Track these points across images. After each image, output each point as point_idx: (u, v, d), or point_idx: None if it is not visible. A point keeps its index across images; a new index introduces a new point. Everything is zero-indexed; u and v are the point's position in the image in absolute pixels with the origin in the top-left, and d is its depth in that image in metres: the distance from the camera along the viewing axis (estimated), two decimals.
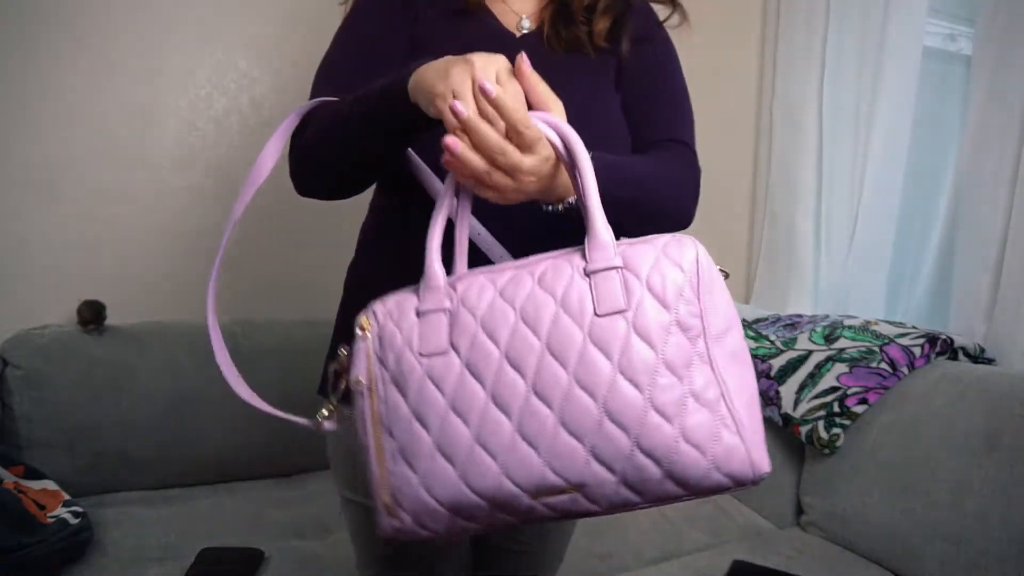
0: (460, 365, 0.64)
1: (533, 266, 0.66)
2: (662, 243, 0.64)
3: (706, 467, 0.59)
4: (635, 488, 0.61)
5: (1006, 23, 1.58)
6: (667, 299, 0.61)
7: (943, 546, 1.43)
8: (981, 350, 1.64)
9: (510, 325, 0.63)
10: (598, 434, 0.60)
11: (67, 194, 1.84)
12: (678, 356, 0.60)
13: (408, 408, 0.65)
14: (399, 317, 0.67)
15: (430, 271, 0.68)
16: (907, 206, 1.94)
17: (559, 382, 0.61)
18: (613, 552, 1.60)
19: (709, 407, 0.60)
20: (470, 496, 0.62)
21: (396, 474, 0.64)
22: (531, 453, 0.61)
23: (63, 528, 1.41)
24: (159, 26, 1.84)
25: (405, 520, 0.65)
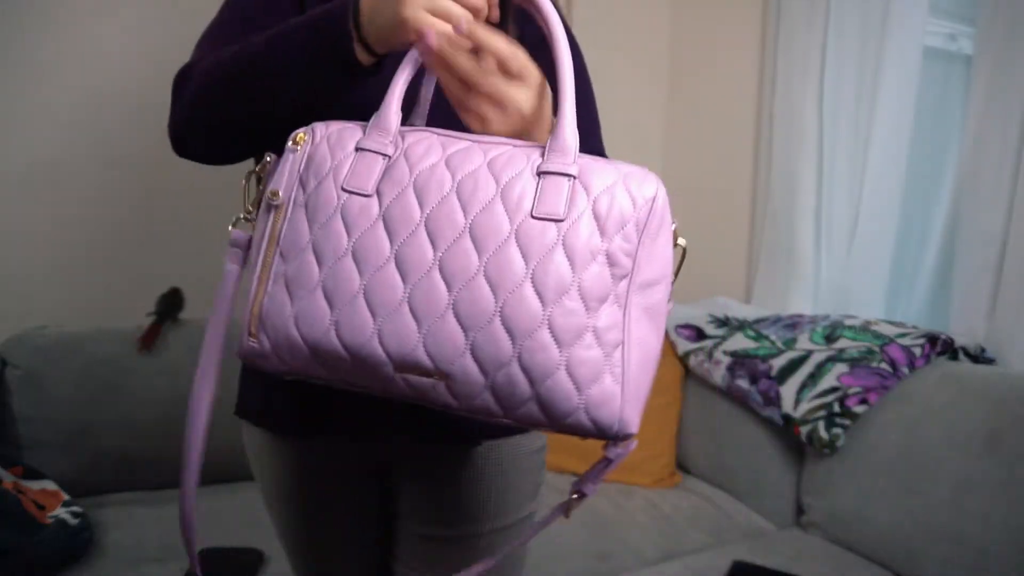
0: (377, 213, 0.61)
1: (489, 146, 0.63)
2: (626, 170, 0.60)
3: (576, 404, 0.57)
4: (500, 398, 0.58)
5: (1006, 23, 1.58)
6: (607, 226, 0.58)
7: (943, 546, 1.42)
8: (981, 350, 1.64)
9: (442, 193, 0.60)
10: (484, 331, 0.57)
11: (67, 194, 1.84)
12: (595, 286, 0.58)
13: (309, 237, 0.62)
14: (335, 144, 0.64)
15: (385, 111, 0.64)
16: (907, 206, 1.94)
17: (468, 266, 0.58)
18: (613, 552, 1.60)
19: (603, 348, 0.57)
20: (336, 344, 0.60)
21: (273, 297, 0.62)
22: (412, 325, 0.58)
23: (63, 528, 1.41)
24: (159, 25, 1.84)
25: (264, 345, 0.63)
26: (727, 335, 1.96)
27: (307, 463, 0.94)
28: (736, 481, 1.87)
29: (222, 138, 0.78)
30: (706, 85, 2.41)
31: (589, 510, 1.77)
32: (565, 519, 0.69)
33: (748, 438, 1.85)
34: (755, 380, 1.79)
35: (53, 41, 1.79)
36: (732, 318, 2.02)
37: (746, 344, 1.88)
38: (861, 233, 1.92)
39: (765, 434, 1.82)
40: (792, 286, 2.06)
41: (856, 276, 1.94)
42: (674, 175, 2.53)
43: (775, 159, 2.10)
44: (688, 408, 2.03)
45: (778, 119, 2.09)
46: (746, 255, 2.28)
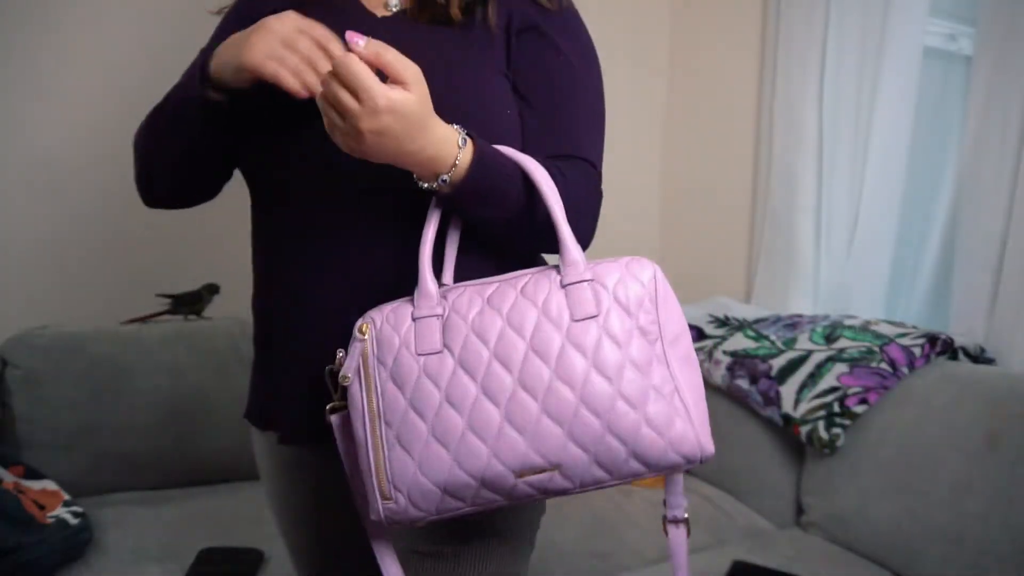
0: (453, 363, 0.72)
1: (515, 280, 0.75)
2: (624, 262, 0.75)
3: (663, 447, 0.70)
4: (605, 466, 0.71)
5: (1006, 23, 1.58)
6: (630, 308, 0.73)
7: (943, 546, 1.43)
8: (981, 350, 1.64)
9: (498, 329, 0.72)
10: (575, 420, 0.69)
11: (68, 194, 1.85)
12: (640, 356, 0.72)
13: (405, 401, 0.73)
14: (396, 322, 0.75)
15: (424, 281, 0.76)
16: (907, 206, 1.94)
17: (542, 377, 0.70)
18: (613, 552, 1.60)
19: (665, 399, 0.71)
20: (461, 476, 0.71)
21: (393, 459, 0.72)
22: (517, 437, 0.70)
23: (63, 528, 1.41)
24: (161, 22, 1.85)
25: (400, 500, 0.72)
26: (727, 335, 1.96)
27: (308, 467, 0.95)
28: (736, 481, 1.87)
29: (166, 184, 0.91)
30: (706, 85, 2.41)
31: (589, 510, 1.77)
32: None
33: (748, 438, 1.85)
34: (755, 380, 1.79)
35: (54, 41, 1.79)
36: (732, 318, 2.02)
37: (746, 344, 1.88)
38: (861, 233, 1.92)
39: (765, 434, 1.82)
40: (792, 286, 2.06)
41: (856, 276, 1.94)
42: (674, 175, 2.54)
43: (775, 159, 2.10)
44: None
45: (778, 119, 2.09)
46: (746, 255, 2.28)
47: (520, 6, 0.88)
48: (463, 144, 0.75)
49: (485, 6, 0.87)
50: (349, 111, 0.68)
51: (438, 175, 0.75)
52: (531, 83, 0.87)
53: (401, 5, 0.89)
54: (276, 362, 0.91)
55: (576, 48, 0.90)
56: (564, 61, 0.88)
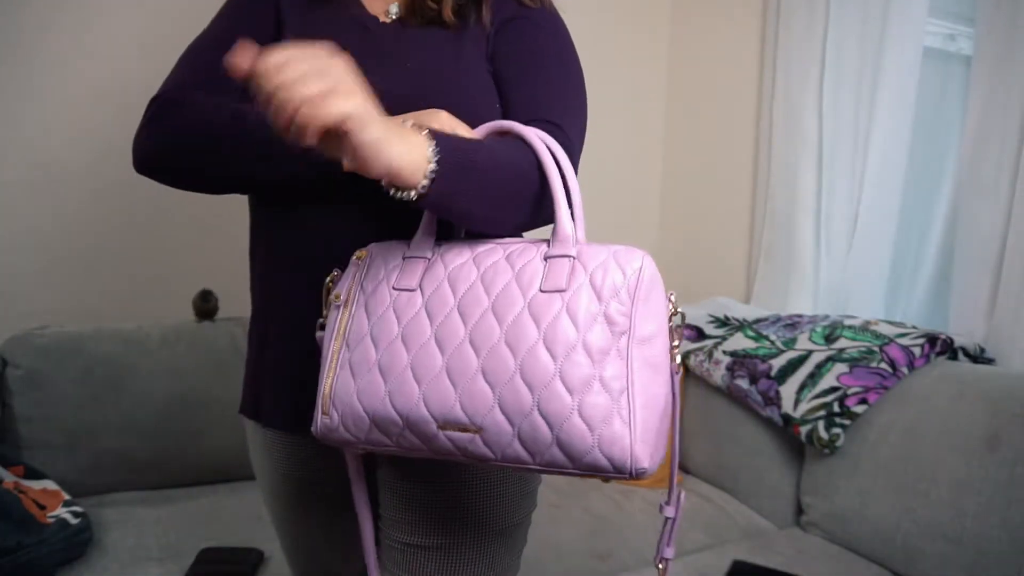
0: (420, 303, 0.75)
1: (507, 244, 0.76)
2: (615, 249, 0.73)
3: (589, 444, 0.66)
4: (527, 445, 0.68)
5: (1006, 23, 1.58)
6: (602, 293, 0.69)
7: (943, 546, 1.43)
8: (981, 350, 1.64)
9: (470, 282, 0.74)
10: (508, 386, 0.68)
11: (68, 194, 1.85)
12: (597, 343, 0.68)
13: (367, 328, 0.76)
14: (387, 256, 0.79)
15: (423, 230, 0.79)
16: (907, 206, 1.94)
17: (491, 336, 0.70)
18: (613, 552, 1.60)
19: (610, 394, 0.67)
20: (390, 411, 0.72)
21: (340, 379, 0.75)
22: (449, 388, 0.70)
23: (63, 528, 1.41)
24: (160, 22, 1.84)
25: (334, 418, 0.75)
26: (727, 335, 1.96)
27: (299, 460, 0.95)
28: (736, 481, 1.87)
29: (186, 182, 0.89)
30: (706, 85, 2.41)
31: (589, 510, 1.77)
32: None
33: (748, 438, 1.85)
34: (755, 380, 1.79)
35: (53, 41, 1.79)
36: (732, 318, 2.02)
37: (746, 344, 1.88)
38: (861, 233, 1.92)
39: (765, 434, 1.82)
40: (792, 286, 2.06)
41: (856, 276, 1.94)
42: (674, 175, 2.54)
43: (775, 159, 2.10)
44: (688, 408, 2.03)
45: (778, 119, 2.09)
46: (746, 255, 2.28)
47: (503, 4, 0.91)
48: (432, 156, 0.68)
49: (479, 6, 0.90)
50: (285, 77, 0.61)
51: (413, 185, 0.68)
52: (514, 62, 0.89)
53: (400, 13, 0.92)
54: (268, 355, 0.92)
55: (557, 33, 0.92)
56: (545, 42, 0.91)
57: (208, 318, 1.88)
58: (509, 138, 0.80)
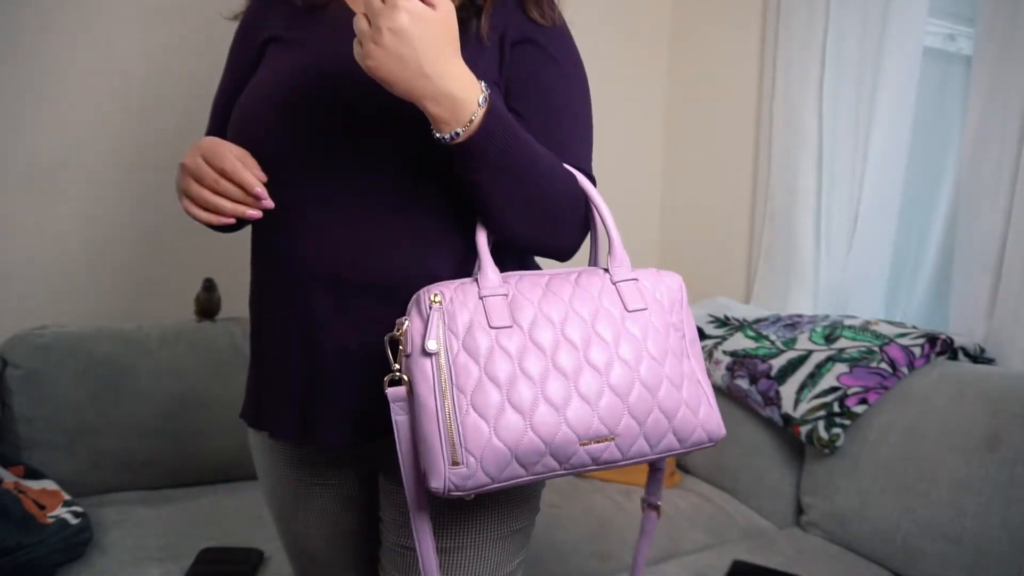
0: (524, 337, 0.78)
1: (566, 274, 0.84)
2: (654, 272, 0.88)
3: (695, 425, 0.83)
4: (650, 439, 0.80)
5: (1006, 23, 1.58)
6: (666, 308, 0.85)
7: (943, 546, 1.43)
8: (981, 350, 1.64)
9: (563, 310, 0.80)
10: (633, 395, 0.79)
11: (68, 194, 1.85)
12: (677, 348, 0.85)
13: (479, 370, 0.76)
14: (463, 299, 0.79)
15: (486, 268, 0.82)
16: (907, 206, 1.94)
17: (607, 356, 0.79)
18: (613, 552, 1.60)
19: (696, 385, 0.84)
20: (535, 441, 0.75)
21: (467, 424, 0.75)
22: (586, 408, 0.77)
23: (63, 528, 1.41)
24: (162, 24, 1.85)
25: (471, 464, 0.74)
26: (727, 335, 1.96)
27: (304, 469, 0.95)
28: (736, 481, 1.88)
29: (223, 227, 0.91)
30: (706, 85, 2.41)
31: (590, 511, 1.77)
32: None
33: (748, 438, 1.85)
34: (755, 380, 1.79)
35: (53, 41, 1.79)
36: (732, 318, 2.02)
37: (746, 344, 1.88)
38: (861, 233, 1.92)
39: (765, 434, 1.82)
40: (792, 286, 2.06)
41: (856, 276, 1.94)
42: (674, 175, 2.54)
43: (775, 160, 2.10)
44: None
45: (778, 120, 2.09)
46: (746, 255, 2.28)
47: (515, 20, 0.89)
48: (483, 103, 0.74)
49: (478, 18, 0.88)
50: (372, 8, 0.70)
51: (456, 122, 0.74)
52: (527, 94, 0.88)
53: None
54: (268, 361, 0.92)
55: (569, 59, 0.92)
56: (560, 72, 0.90)
57: (212, 310, 1.88)
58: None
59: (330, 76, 0.85)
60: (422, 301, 0.77)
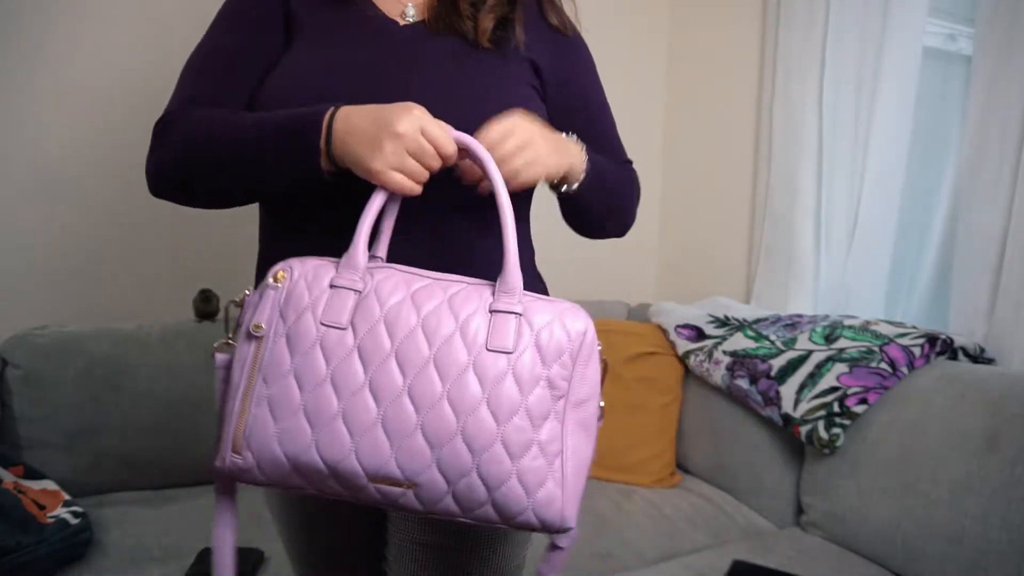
0: (352, 345, 0.69)
1: (448, 284, 0.72)
2: (560, 308, 0.72)
3: (524, 506, 0.68)
4: (460, 502, 0.69)
5: (1006, 23, 1.58)
6: (547, 356, 0.70)
7: (943, 546, 1.43)
8: (981, 350, 1.64)
9: (409, 327, 0.69)
10: (448, 447, 0.67)
11: (68, 194, 1.84)
12: (538, 407, 0.69)
13: (290, 365, 0.69)
14: (312, 281, 0.71)
15: (355, 251, 0.72)
16: (907, 206, 1.94)
17: (432, 392, 0.67)
18: (613, 552, 1.60)
19: (545, 459, 0.69)
20: (316, 460, 0.68)
21: (257, 417, 0.68)
22: (384, 443, 0.67)
23: (63, 528, 1.41)
24: (165, 22, 1.85)
25: (248, 459, 0.69)
26: (727, 335, 1.96)
27: None
28: (736, 481, 1.87)
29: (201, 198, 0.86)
30: (706, 85, 2.41)
31: (589, 510, 1.77)
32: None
33: (748, 438, 1.85)
34: (755, 380, 1.79)
35: (55, 42, 1.79)
36: (732, 318, 2.02)
37: (746, 344, 1.88)
38: (861, 233, 1.92)
39: (765, 434, 1.82)
40: (792, 286, 2.06)
41: (856, 276, 1.94)
42: (674, 175, 2.54)
43: (775, 159, 2.10)
44: (688, 408, 2.03)
45: (778, 119, 2.09)
46: (746, 255, 2.28)
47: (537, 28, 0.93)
48: (584, 153, 0.87)
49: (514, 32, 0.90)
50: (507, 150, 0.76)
51: (576, 177, 0.86)
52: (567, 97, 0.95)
53: (418, 15, 0.91)
54: None
55: (593, 65, 1.01)
56: (592, 79, 0.99)
57: (208, 319, 1.88)
58: None
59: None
60: (267, 275, 0.73)
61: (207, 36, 0.91)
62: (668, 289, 2.50)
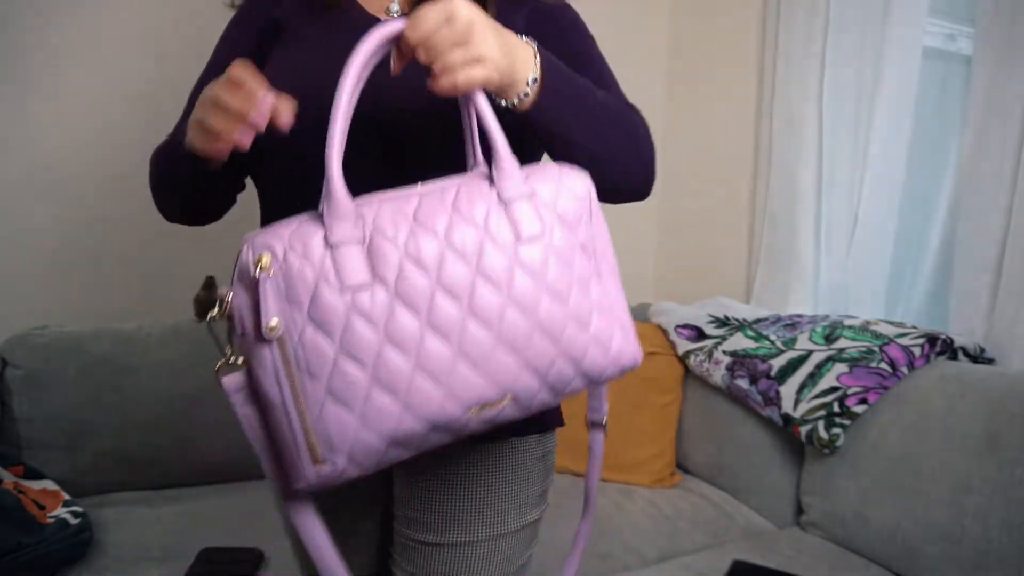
0: (389, 296, 0.62)
1: (440, 193, 0.65)
2: (557, 174, 0.69)
3: (605, 363, 0.69)
4: (553, 388, 0.68)
5: (1006, 23, 1.58)
6: (570, 224, 0.68)
7: (943, 546, 1.43)
8: (981, 350, 1.64)
9: (437, 253, 0.63)
10: (529, 347, 0.65)
11: (68, 194, 1.84)
12: (583, 273, 0.68)
13: (334, 347, 0.61)
14: (304, 251, 0.62)
15: (336, 196, 0.63)
16: (907, 206, 1.94)
17: (492, 305, 0.63)
18: (613, 552, 1.60)
19: (604, 314, 0.69)
20: (412, 426, 0.63)
21: (326, 417, 0.61)
22: (471, 375, 0.63)
23: (63, 528, 1.41)
24: (164, 22, 1.85)
25: (338, 462, 0.62)
26: (727, 335, 1.96)
27: None
28: (736, 481, 1.87)
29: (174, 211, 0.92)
30: (706, 86, 2.41)
31: None
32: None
33: (748, 438, 1.85)
34: (755, 380, 1.79)
35: (55, 42, 1.79)
36: (732, 318, 2.02)
37: (746, 344, 1.88)
38: (861, 233, 1.92)
39: (765, 434, 1.82)
40: (792, 286, 2.06)
41: (856, 276, 1.95)
42: (674, 175, 2.53)
43: (775, 160, 2.10)
44: (688, 408, 2.03)
45: (778, 120, 2.09)
46: (746, 255, 2.28)
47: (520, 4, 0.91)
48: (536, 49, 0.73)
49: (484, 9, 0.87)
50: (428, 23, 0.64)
51: (525, 79, 0.71)
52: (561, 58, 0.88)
53: (402, 10, 0.90)
54: None
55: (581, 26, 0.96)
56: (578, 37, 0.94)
57: (211, 308, 1.88)
58: None
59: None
60: (244, 266, 0.63)
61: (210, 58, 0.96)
62: (668, 289, 2.50)
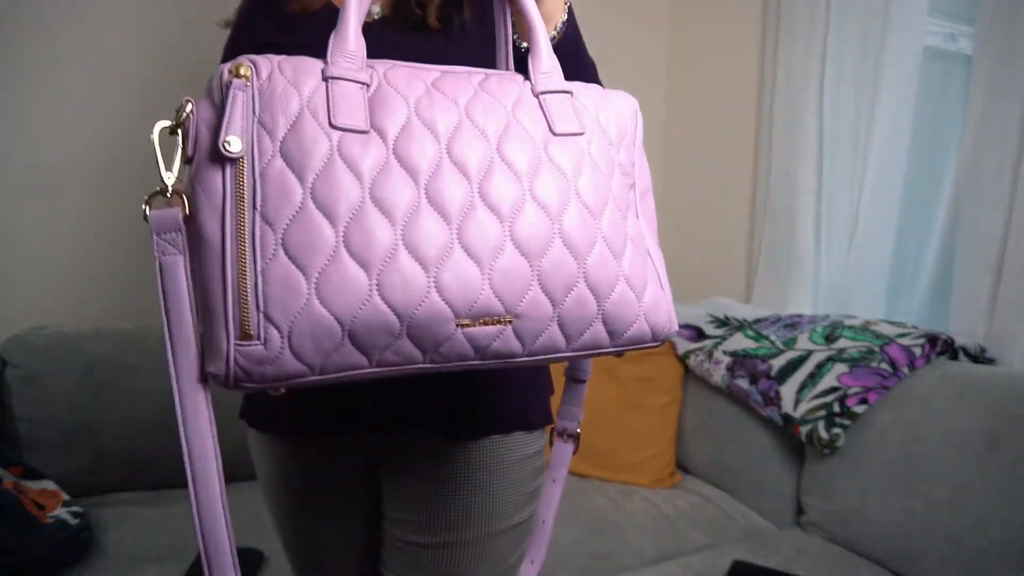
0: (386, 150, 0.50)
1: (468, 74, 0.57)
2: (601, 90, 0.61)
3: (635, 313, 0.56)
4: (567, 327, 0.54)
5: (1006, 23, 1.58)
6: (612, 140, 0.58)
7: (943, 546, 1.43)
8: (981, 350, 1.64)
9: (454, 120, 0.53)
10: (547, 257, 0.53)
11: (68, 194, 1.84)
12: (623, 198, 0.57)
13: (303, 190, 0.48)
14: (295, 76, 0.50)
15: (346, 31, 0.52)
16: (907, 206, 1.94)
17: (511, 192, 0.52)
18: (613, 552, 1.60)
19: (642, 256, 0.57)
20: (383, 311, 0.48)
21: (272, 275, 0.47)
22: (470, 266, 0.50)
23: (63, 528, 1.41)
24: (163, 24, 1.85)
25: (273, 341, 0.47)
26: (727, 335, 1.96)
27: (302, 461, 0.95)
28: (736, 481, 1.87)
29: None
30: (706, 85, 2.41)
31: (589, 510, 1.77)
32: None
33: (748, 438, 1.85)
34: (755, 380, 1.79)
35: (55, 42, 1.79)
36: (732, 318, 2.02)
37: (746, 344, 1.88)
38: (861, 233, 1.92)
39: (765, 434, 1.82)
40: (792, 286, 2.06)
41: (856, 276, 1.95)
42: (674, 175, 2.54)
43: (775, 159, 2.10)
44: (688, 408, 2.03)
45: (778, 119, 2.09)
46: (746, 255, 2.28)
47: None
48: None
49: (461, 12, 0.88)
50: None
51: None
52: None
53: (382, 12, 0.90)
54: None
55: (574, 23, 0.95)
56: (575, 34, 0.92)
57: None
58: None
59: None
60: (217, 79, 0.50)
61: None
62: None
